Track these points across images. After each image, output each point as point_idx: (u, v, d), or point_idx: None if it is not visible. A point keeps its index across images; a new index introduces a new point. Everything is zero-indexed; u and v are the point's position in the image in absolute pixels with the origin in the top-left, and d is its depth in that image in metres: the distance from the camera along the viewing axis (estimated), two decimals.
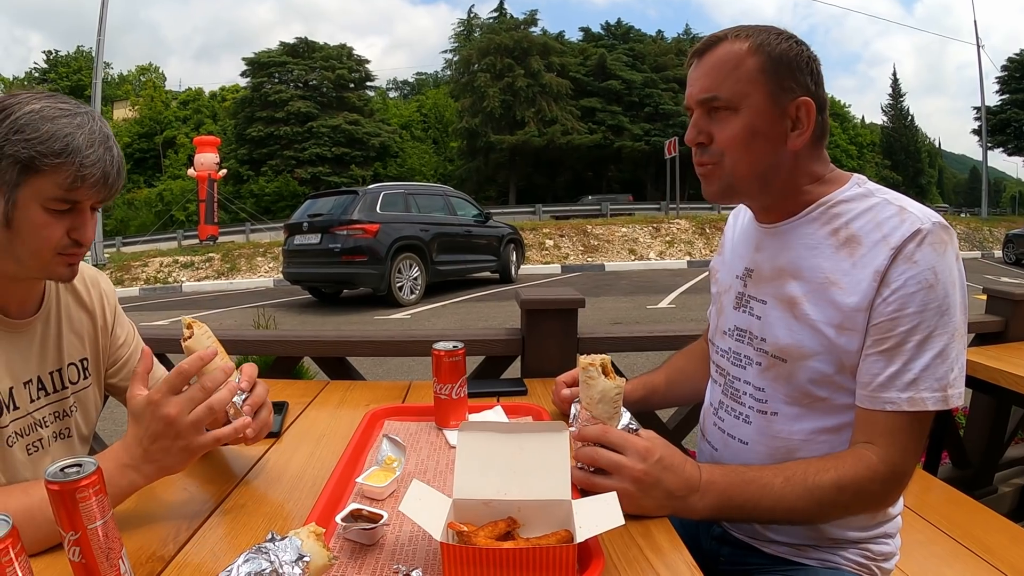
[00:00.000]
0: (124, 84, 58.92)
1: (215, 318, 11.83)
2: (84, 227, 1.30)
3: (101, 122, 1.29)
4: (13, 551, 0.78)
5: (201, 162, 24.22)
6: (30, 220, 1.23)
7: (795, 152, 1.32)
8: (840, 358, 1.29)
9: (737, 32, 1.33)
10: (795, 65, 1.30)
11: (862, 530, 1.40)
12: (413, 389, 2.05)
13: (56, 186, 1.22)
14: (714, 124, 1.34)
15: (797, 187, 1.36)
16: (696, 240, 22.26)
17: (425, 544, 1.10)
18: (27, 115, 1.21)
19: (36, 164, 1.19)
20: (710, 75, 1.33)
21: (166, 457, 1.18)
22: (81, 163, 1.21)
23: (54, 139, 1.19)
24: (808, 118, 1.30)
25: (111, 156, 1.26)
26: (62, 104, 1.25)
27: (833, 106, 56.91)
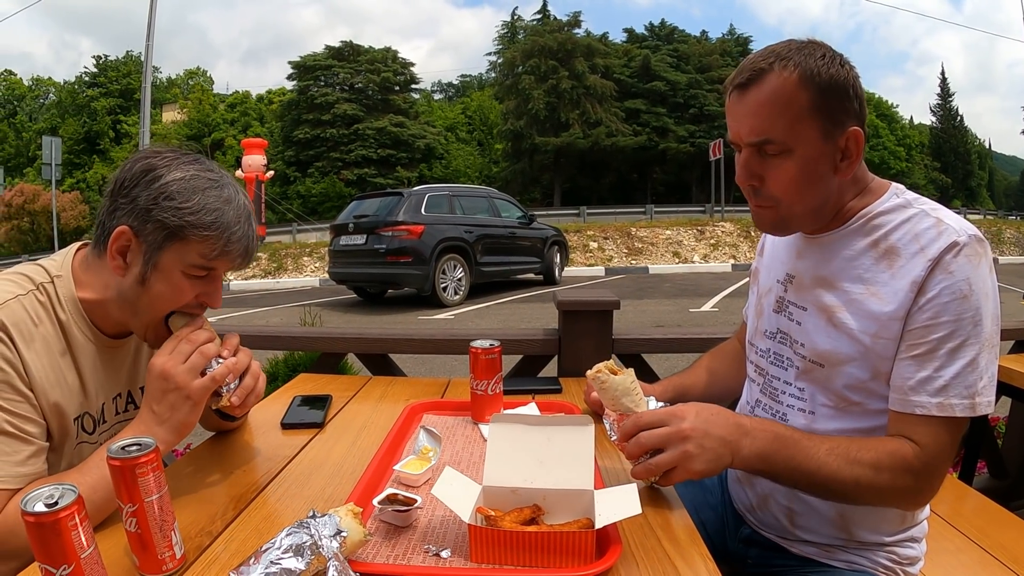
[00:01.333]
0: (173, 87, 59.89)
1: (261, 316, 12.04)
2: (214, 293, 1.40)
3: (243, 195, 1.38)
4: (79, 516, 0.89)
5: (249, 164, 24.59)
6: (167, 282, 1.33)
7: (843, 179, 1.34)
8: (876, 364, 1.31)
9: (782, 60, 1.28)
10: (843, 93, 1.28)
11: (889, 533, 1.43)
12: (452, 386, 2.12)
13: (200, 255, 1.31)
14: (766, 166, 1.33)
15: (842, 204, 1.38)
16: (741, 243, 22.04)
17: (455, 527, 1.17)
18: (177, 182, 1.29)
19: (185, 233, 1.29)
20: (759, 114, 1.30)
21: (174, 413, 1.28)
22: (228, 239, 1.31)
23: (205, 211, 1.29)
24: (857, 148, 1.30)
25: (252, 231, 1.36)
26: (209, 173, 1.34)
27: (880, 106, 56.05)
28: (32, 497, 0.89)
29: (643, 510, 1.10)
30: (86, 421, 1.40)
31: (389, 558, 1.09)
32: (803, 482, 1.30)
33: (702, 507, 1.72)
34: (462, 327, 9.90)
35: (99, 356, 1.43)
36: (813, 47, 1.30)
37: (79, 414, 1.38)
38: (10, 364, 1.24)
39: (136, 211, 1.29)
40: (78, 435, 1.39)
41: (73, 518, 0.88)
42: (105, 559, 0.95)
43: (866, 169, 1.40)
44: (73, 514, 0.88)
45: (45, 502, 0.88)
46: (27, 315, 1.30)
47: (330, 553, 0.96)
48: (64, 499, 0.88)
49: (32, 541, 0.88)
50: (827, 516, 1.43)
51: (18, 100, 59.51)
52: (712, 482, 1.81)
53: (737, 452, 1.27)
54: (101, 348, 1.43)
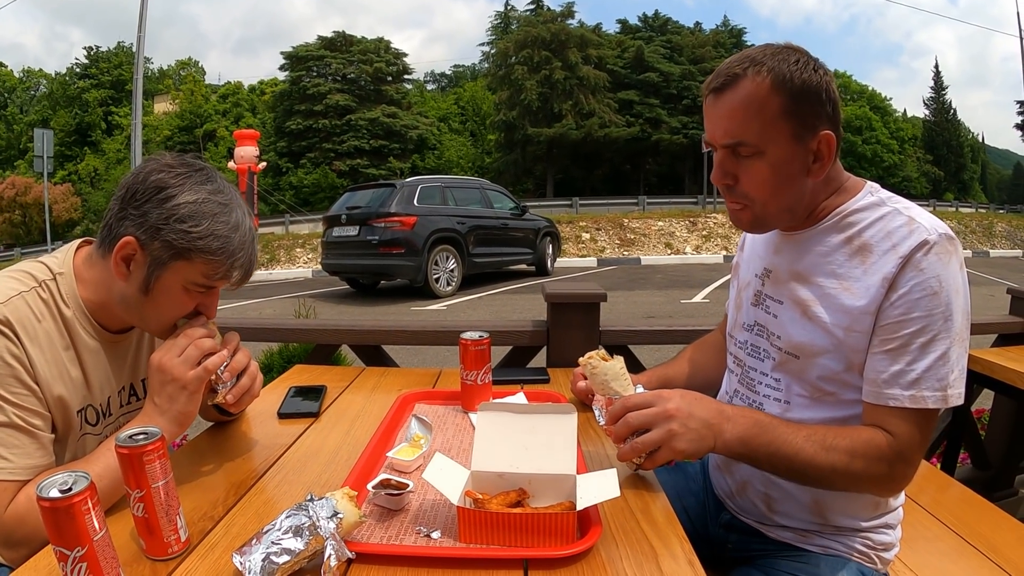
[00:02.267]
0: (164, 78, 59.36)
1: (255, 308, 12.00)
2: (212, 306, 1.47)
3: (248, 216, 1.43)
4: (91, 501, 0.94)
5: (241, 155, 24.40)
6: (169, 295, 1.39)
7: (816, 180, 1.39)
8: (848, 357, 1.36)
9: (756, 65, 1.32)
10: (815, 97, 1.32)
11: (864, 519, 1.48)
12: (443, 376, 2.17)
13: (203, 275, 1.37)
14: (740, 167, 1.38)
15: (816, 203, 1.43)
16: (733, 235, 22.07)
17: (445, 510, 1.23)
18: (189, 205, 1.34)
19: (191, 255, 1.34)
20: (733, 118, 1.35)
21: (172, 404, 1.35)
22: (232, 263, 1.38)
23: (213, 237, 1.34)
24: (829, 151, 1.35)
25: (254, 254, 1.43)
26: (219, 196, 1.38)
27: (874, 99, 55.77)
28: (47, 483, 0.93)
29: (624, 495, 1.16)
30: (89, 414, 1.45)
31: (383, 539, 1.15)
32: (782, 467, 1.34)
33: (684, 494, 1.78)
34: (454, 318, 9.94)
35: (102, 351, 1.47)
36: (788, 52, 1.34)
37: (82, 407, 1.43)
38: (16, 359, 1.29)
39: (145, 226, 1.33)
40: (81, 427, 1.43)
41: (86, 503, 0.93)
42: (114, 543, 1.00)
43: (841, 168, 1.44)
44: (86, 499, 0.93)
45: (59, 488, 0.93)
46: (30, 311, 1.34)
47: (327, 533, 1.02)
48: (77, 485, 0.93)
49: (47, 525, 0.92)
50: (803, 502, 1.48)
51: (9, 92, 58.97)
52: (694, 469, 1.87)
53: (719, 436, 1.33)
54: (104, 343, 1.48)
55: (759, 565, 1.54)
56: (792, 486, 1.47)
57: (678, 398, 1.33)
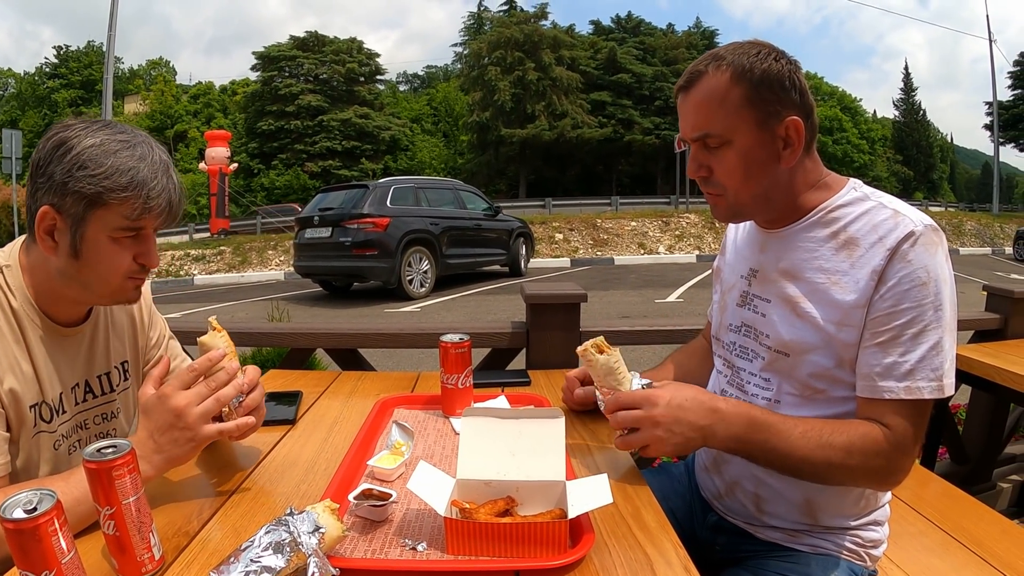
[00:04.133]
0: (135, 78, 58.94)
1: (227, 311, 11.94)
2: (150, 252, 1.38)
3: (159, 149, 1.36)
4: (58, 522, 0.89)
5: (212, 156, 24.35)
6: (98, 250, 1.31)
7: (789, 167, 1.39)
8: (839, 352, 1.36)
9: (717, 60, 1.37)
10: (777, 85, 1.34)
11: (853, 517, 1.48)
12: (422, 379, 2.13)
13: (123, 217, 1.29)
14: (712, 158, 1.41)
15: (796, 195, 1.44)
16: (705, 234, 22.25)
17: (431, 520, 1.19)
18: (88, 150, 1.27)
19: (103, 199, 1.27)
20: (698, 112, 1.39)
21: (174, 447, 1.27)
22: (147, 195, 1.29)
23: (119, 173, 1.26)
24: (798, 135, 1.36)
25: (173, 184, 1.34)
26: (120, 135, 1.31)
27: (844, 100, 56.56)
28: (10, 503, 0.88)
29: (613, 500, 1.13)
30: (43, 410, 1.40)
31: (367, 553, 1.10)
32: (777, 463, 1.35)
33: (670, 495, 1.76)
34: (430, 320, 9.91)
35: (53, 345, 1.42)
36: (750, 46, 1.38)
37: (35, 402, 1.38)
38: None
39: (54, 187, 1.28)
40: (35, 424, 1.38)
41: (52, 523, 0.88)
42: (84, 563, 0.95)
43: (822, 165, 1.46)
44: (52, 519, 0.88)
45: (24, 508, 0.88)
46: None
47: (310, 550, 0.97)
48: (43, 504, 0.88)
49: (12, 548, 0.87)
50: (793, 502, 1.48)
51: None
52: (679, 470, 1.86)
53: (710, 436, 1.33)
54: (54, 337, 1.43)
55: (748, 566, 1.54)
56: (782, 486, 1.47)
57: (665, 403, 1.31)
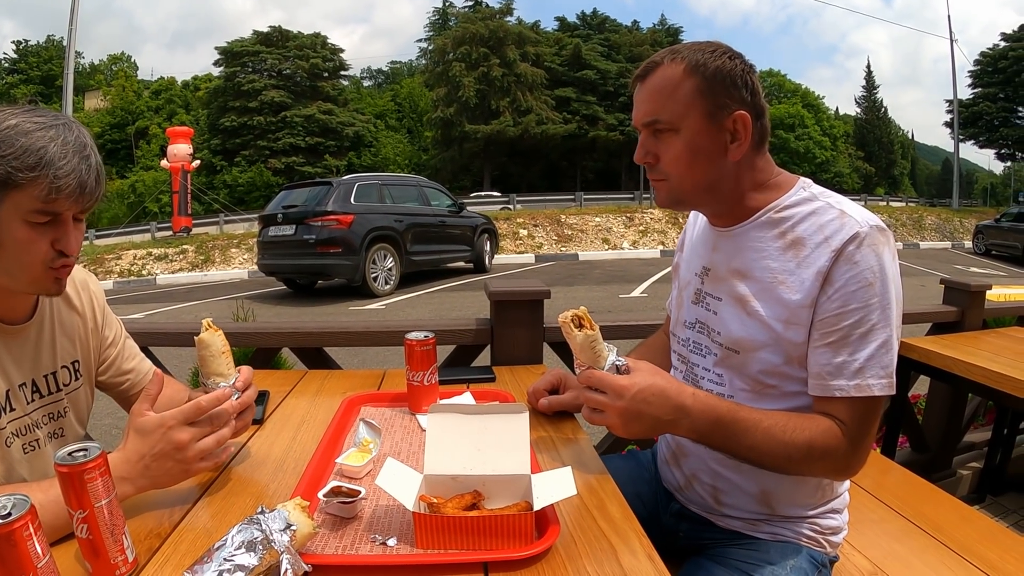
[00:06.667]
0: (96, 74, 57.95)
1: (190, 311, 11.81)
2: (67, 237, 1.32)
3: (79, 131, 1.31)
4: (32, 526, 0.88)
5: (174, 153, 23.98)
6: (14, 235, 1.27)
7: (736, 162, 1.42)
8: (787, 350, 1.40)
9: (673, 55, 1.41)
10: (729, 81, 1.37)
11: (810, 507, 1.52)
12: (388, 377, 2.14)
13: (34, 199, 1.24)
14: (659, 144, 1.44)
15: (742, 193, 1.46)
16: (669, 230, 22.41)
17: (399, 516, 1.21)
18: (2, 132, 1.23)
19: (12, 179, 1.22)
20: (651, 99, 1.42)
21: (163, 476, 1.26)
22: (55, 174, 1.23)
23: (28, 153, 1.22)
24: (745, 130, 1.39)
25: (87, 165, 1.29)
26: (38, 117, 1.27)
27: (807, 97, 57.11)
28: None
29: (579, 492, 1.16)
30: None
31: (338, 549, 1.12)
32: (739, 457, 1.39)
33: (638, 481, 1.80)
34: (395, 318, 9.88)
35: None
36: (707, 44, 1.42)
37: None
38: None
39: None
40: None
41: (27, 528, 0.87)
42: (59, 568, 0.94)
43: (773, 164, 1.49)
44: (27, 524, 0.87)
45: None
46: None
47: (282, 547, 0.99)
48: (17, 509, 0.87)
49: None
50: (750, 493, 1.51)
51: None
52: (647, 458, 1.90)
53: (673, 428, 1.36)
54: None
55: (710, 555, 1.57)
56: (739, 479, 1.51)
57: (630, 397, 1.32)
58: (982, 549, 1.81)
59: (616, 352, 1.42)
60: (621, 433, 1.36)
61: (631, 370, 1.37)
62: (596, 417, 1.38)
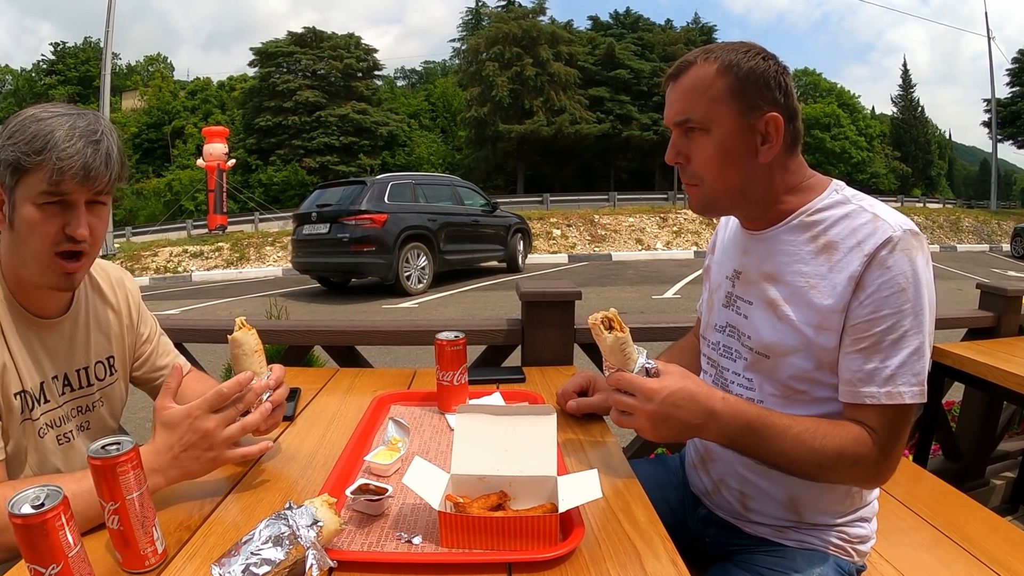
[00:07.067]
0: (133, 74, 58.74)
1: (225, 307, 11.92)
2: (76, 221, 1.35)
3: (94, 120, 1.36)
4: (64, 517, 0.92)
5: (210, 152, 24.26)
6: (25, 217, 1.33)
7: (768, 164, 1.41)
8: (818, 355, 1.38)
9: (706, 54, 1.40)
10: (762, 82, 1.37)
11: (839, 515, 1.50)
12: (418, 376, 2.16)
13: (41, 181, 1.30)
14: (690, 144, 1.43)
15: (775, 196, 1.45)
16: (703, 230, 22.25)
17: (425, 514, 1.22)
18: (21, 121, 1.31)
19: (22, 163, 1.29)
20: (683, 98, 1.42)
21: (193, 464, 1.30)
22: (58, 156, 1.28)
23: (36, 138, 1.28)
24: (777, 132, 1.38)
25: (94, 149, 1.33)
26: (57, 108, 1.34)
27: (842, 96, 56.40)
28: (19, 499, 0.91)
29: (605, 496, 1.16)
30: (26, 399, 1.43)
31: (364, 545, 1.13)
32: (768, 463, 1.39)
33: (665, 486, 1.79)
34: (427, 317, 9.91)
35: (30, 336, 1.45)
36: (740, 45, 1.42)
37: (17, 391, 1.41)
38: None
39: None
40: (22, 411, 1.41)
41: (60, 518, 0.90)
42: (89, 557, 0.97)
43: (805, 166, 1.47)
44: (60, 514, 0.90)
45: (32, 503, 0.90)
46: None
47: (308, 542, 1.00)
48: (50, 500, 0.91)
49: (20, 543, 0.90)
50: (777, 499, 1.50)
51: None
52: (675, 463, 1.89)
53: (702, 432, 1.35)
54: (31, 328, 1.46)
55: (736, 561, 1.56)
56: (767, 484, 1.50)
57: (659, 400, 1.32)
58: (1011, 560, 1.78)
59: (646, 355, 1.41)
60: (650, 436, 1.36)
61: (661, 373, 1.36)
62: (625, 420, 1.38)
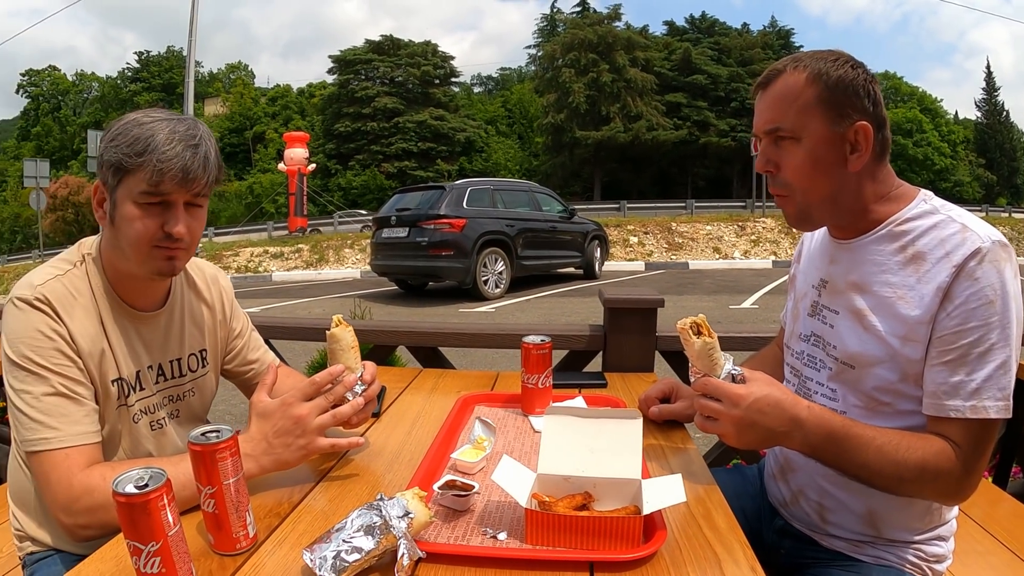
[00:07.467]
0: (215, 82, 60.67)
1: (304, 307, 12.17)
2: (174, 220, 1.43)
3: (193, 125, 1.45)
4: (167, 498, 0.96)
5: (291, 157, 24.86)
6: (126, 215, 1.42)
7: (857, 173, 1.39)
8: (904, 367, 1.36)
9: (795, 63, 1.40)
10: (851, 90, 1.36)
11: (917, 532, 1.47)
12: (501, 379, 2.19)
13: (142, 182, 1.38)
14: (780, 153, 1.43)
15: (864, 205, 1.43)
16: (782, 239, 21.82)
17: (511, 512, 1.24)
18: (124, 125, 1.40)
19: (124, 165, 1.38)
20: (773, 107, 1.42)
21: (286, 452, 1.36)
22: (159, 159, 1.37)
23: (137, 141, 1.37)
24: (866, 141, 1.36)
25: (193, 153, 1.40)
26: (156, 113, 1.43)
27: (924, 100, 54.72)
28: (123, 479, 0.96)
29: (686, 500, 1.16)
30: (123, 386, 1.51)
31: (450, 539, 1.16)
32: (849, 473, 1.36)
33: (742, 496, 1.77)
34: (506, 321, 9.95)
35: (128, 327, 1.54)
36: (828, 53, 1.42)
37: (115, 378, 1.49)
38: (56, 333, 1.39)
39: (100, 163, 1.42)
40: (118, 397, 1.50)
41: (162, 499, 0.95)
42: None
43: (895, 177, 1.45)
44: (162, 495, 0.95)
45: (135, 484, 0.95)
46: (66, 290, 1.44)
47: (400, 533, 1.03)
48: (154, 481, 0.95)
49: (122, 520, 0.95)
50: (857, 513, 1.48)
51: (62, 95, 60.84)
52: (752, 472, 1.88)
53: (785, 440, 1.34)
54: (130, 319, 1.54)
55: (811, 574, 1.54)
56: (846, 497, 1.48)
57: (746, 406, 1.31)
58: None
59: (732, 361, 1.41)
60: (733, 442, 1.35)
61: (747, 380, 1.36)
62: (709, 425, 1.38)
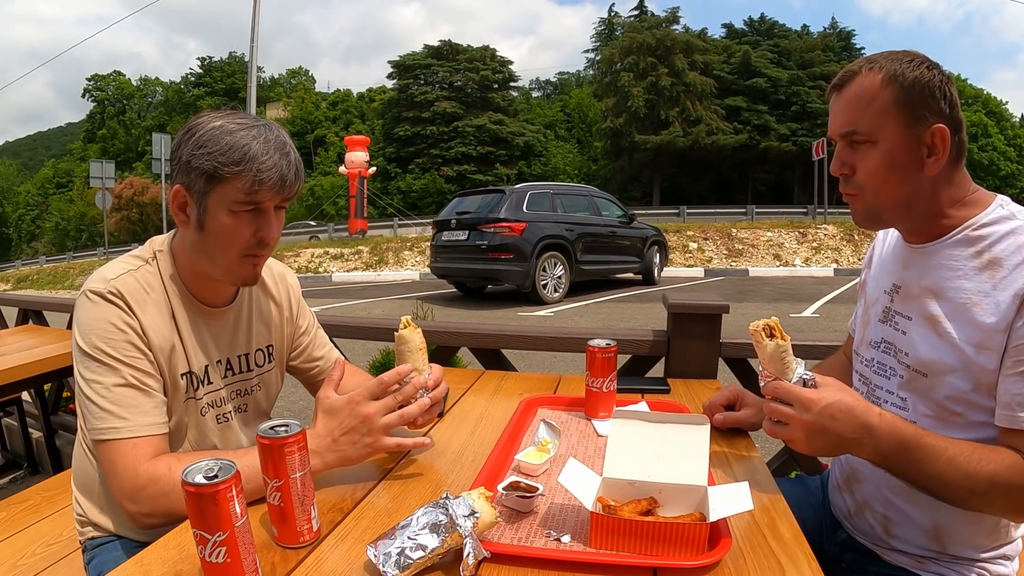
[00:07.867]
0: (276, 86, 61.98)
1: (363, 307, 12.32)
2: (268, 227, 1.48)
3: (278, 131, 1.47)
4: (235, 489, 0.98)
5: (352, 160, 25.24)
6: (219, 223, 1.44)
7: (933, 177, 1.36)
8: (977, 376, 1.31)
9: (871, 63, 1.38)
10: (928, 92, 1.33)
11: (983, 549, 1.43)
12: (563, 382, 2.18)
13: (238, 191, 1.41)
14: (856, 156, 1.41)
15: (939, 210, 1.40)
16: (844, 247, 21.38)
17: (575, 514, 1.24)
18: (209, 131, 1.41)
19: (219, 173, 1.40)
20: (848, 109, 1.40)
21: (351, 449, 1.38)
22: (258, 168, 1.40)
23: (233, 150, 1.39)
24: (943, 144, 1.33)
25: (287, 160, 1.44)
26: (240, 119, 1.45)
27: (989, 103, 53.28)
28: (192, 470, 0.98)
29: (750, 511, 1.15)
30: (192, 379, 1.55)
31: (514, 540, 1.16)
32: (919, 484, 1.32)
33: (804, 507, 1.74)
34: (566, 325, 9.93)
35: (198, 322, 1.58)
36: (904, 54, 1.39)
37: (184, 371, 1.53)
38: (128, 325, 1.44)
39: (182, 167, 1.43)
40: (186, 390, 1.54)
41: (231, 490, 0.96)
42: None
43: (970, 181, 1.42)
44: (231, 486, 0.97)
45: (204, 475, 0.97)
46: (138, 285, 1.48)
47: (466, 532, 1.03)
48: (223, 473, 0.97)
49: (190, 509, 0.97)
50: (923, 527, 1.45)
51: (127, 99, 62.88)
52: (815, 484, 1.85)
53: (854, 448, 1.31)
54: (199, 315, 1.58)
55: None
56: (912, 510, 1.45)
57: (818, 411, 1.29)
58: None
59: (804, 365, 1.39)
60: (803, 448, 1.33)
61: (819, 385, 1.33)
62: (779, 430, 1.35)
